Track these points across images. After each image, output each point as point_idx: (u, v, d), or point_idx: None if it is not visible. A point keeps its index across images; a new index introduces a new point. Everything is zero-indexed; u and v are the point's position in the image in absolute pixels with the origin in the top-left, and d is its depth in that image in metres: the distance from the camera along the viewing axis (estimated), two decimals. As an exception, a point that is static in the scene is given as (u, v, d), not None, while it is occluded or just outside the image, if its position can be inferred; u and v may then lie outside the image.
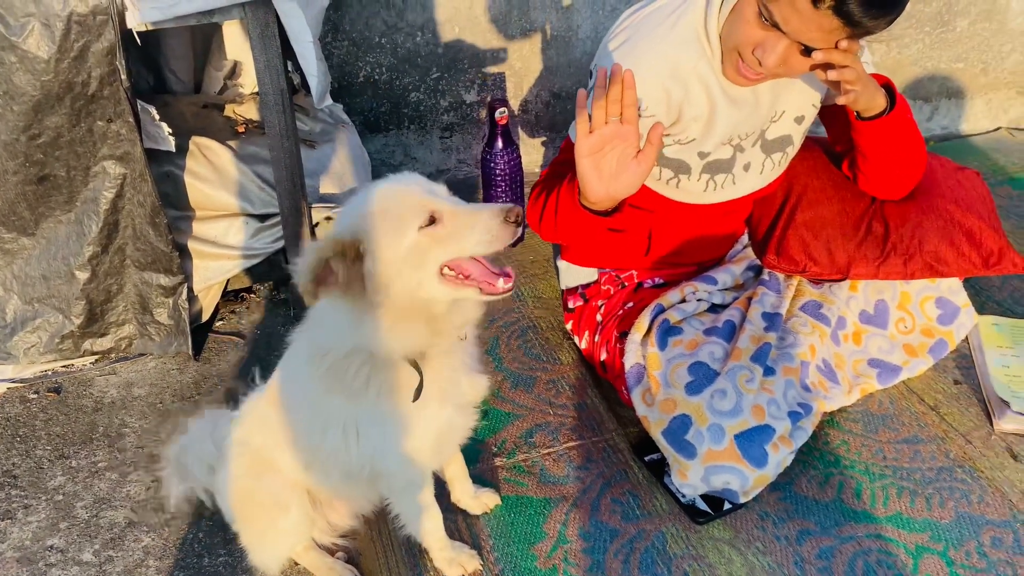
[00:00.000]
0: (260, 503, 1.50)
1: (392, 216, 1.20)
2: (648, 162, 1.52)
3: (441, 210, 1.21)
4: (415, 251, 1.20)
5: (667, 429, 1.70)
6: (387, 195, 1.23)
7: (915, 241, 1.87)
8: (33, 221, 2.03)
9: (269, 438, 1.51)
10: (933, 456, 1.84)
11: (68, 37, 1.77)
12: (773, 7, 1.47)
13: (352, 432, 1.39)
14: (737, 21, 1.56)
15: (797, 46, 1.50)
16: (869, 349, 2.02)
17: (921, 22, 3.14)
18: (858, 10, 1.40)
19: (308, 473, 1.51)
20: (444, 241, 1.20)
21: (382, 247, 1.20)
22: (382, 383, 1.33)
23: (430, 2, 2.72)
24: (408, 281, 1.21)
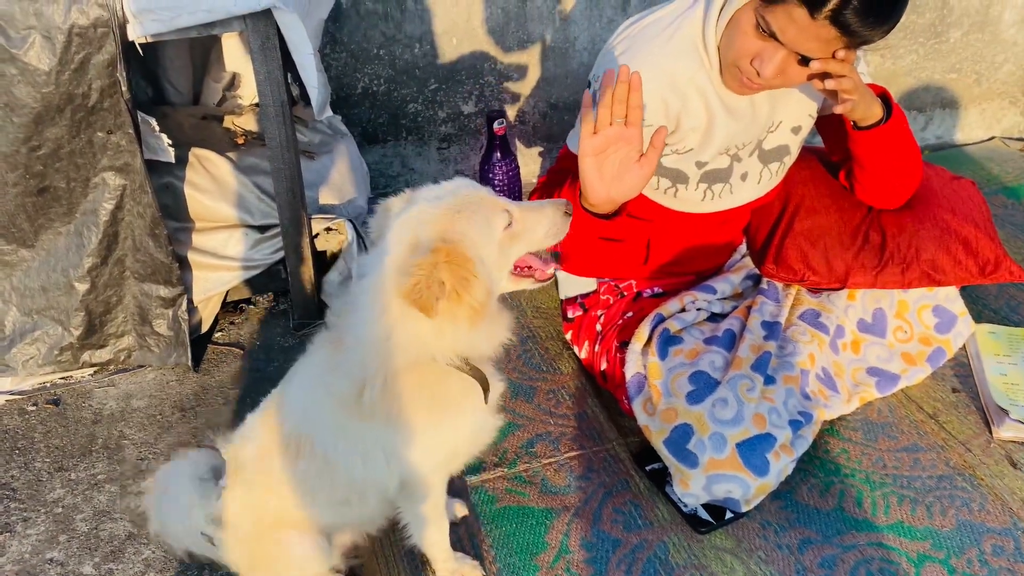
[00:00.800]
0: (286, 566, 1.45)
1: (480, 218, 1.23)
2: (650, 166, 1.53)
3: (511, 210, 1.26)
4: (501, 250, 1.25)
5: (669, 438, 1.70)
6: (467, 198, 1.24)
7: (912, 250, 1.89)
8: (32, 233, 2.03)
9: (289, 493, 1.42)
10: (933, 464, 1.85)
11: (69, 49, 1.78)
12: (770, 18, 1.48)
13: (393, 456, 1.35)
14: (735, 32, 1.57)
15: (795, 56, 1.51)
16: (868, 358, 2.03)
17: (915, 33, 3.16)
18: (855, 20, 1.41)
19: (348, 508, 1.45)
20: (519, 239, 1.27)
21: (480, 248, 1.21)
22: (438, 396, 1.31)
23: (428, 14, 2.73)
24: (493, 280, 1.24)
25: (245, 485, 1.45)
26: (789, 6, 1.44)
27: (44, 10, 1.74)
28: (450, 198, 1.24)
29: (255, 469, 1.44)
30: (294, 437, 1.39)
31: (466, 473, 1.85)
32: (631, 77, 1.44)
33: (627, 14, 2.87)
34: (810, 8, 1.42)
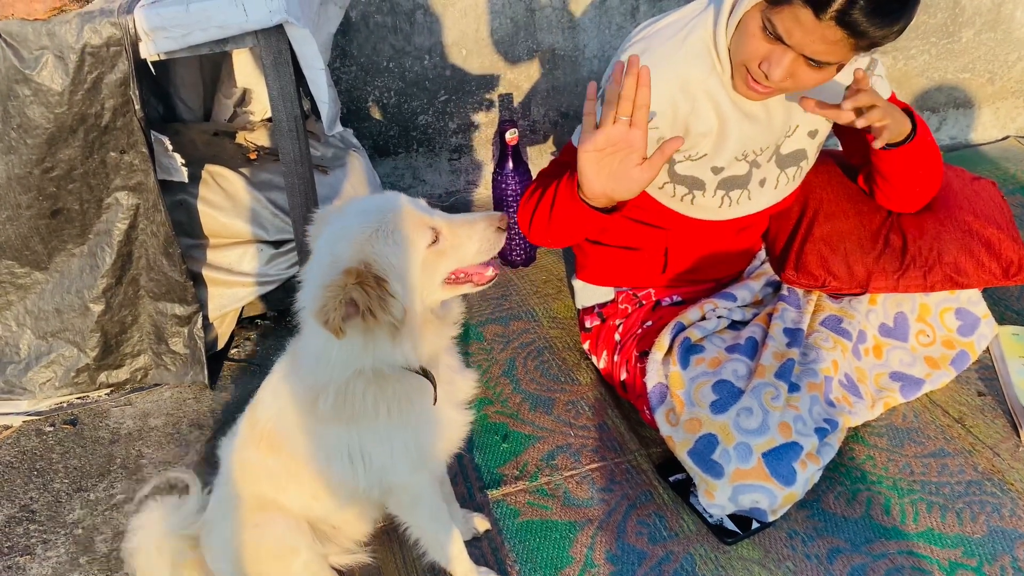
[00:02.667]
0: (268, 551, 1.45)
1: (400, 237, 1.22)
2: (652, 170, 1.49)
3: (439, 226, 1.26)
4: (425, 268, 1.25)
5: (693, 449, 1.68)
6: (389, 216, 1.24)
7: (934, 253, 1.86)
8: (46, 255, 2.03)
9: (266, 484, 1.46)
10: (961, 470, 1.82)
11: (82, 69, 1.77)
12: (776, 20, 1.47)
13: (357, 456, 1.37)
14: (743, 35, 1.56)
15: (803, 59, 1.50)
16: (891, 362, 2.00)
17: (926, 33, 3.14)
18: (863, 20, 1.39)
19: (317, 502, 1.48)
20: (447, 255, 1.27)
21: (396, 268, 1.21)
22: (391, 399, 1.32)
23: (437, 26, 2.73)
24: (422, 295, 1.26)
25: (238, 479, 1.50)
26: (795, 8, 1.43)
27: (57, 30, 1.74)
28: (373, 215, 1.23)
29: (237, 460, 1.49)
30: (267, 433, 1.44)
31: (486, 487, 1.84)
32: (640, 70, 1.41)
33: (636, 21, 2.86)
34: (815, 9, 1.40)
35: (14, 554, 1.75)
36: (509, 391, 2.11)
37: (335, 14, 2.28)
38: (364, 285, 1.17)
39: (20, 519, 1.83)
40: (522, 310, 2.42)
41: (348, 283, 1.16)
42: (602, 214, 1.57)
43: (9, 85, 1.77)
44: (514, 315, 2.40)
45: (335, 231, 1.25)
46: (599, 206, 1.56)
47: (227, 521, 1.48)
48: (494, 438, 1.97)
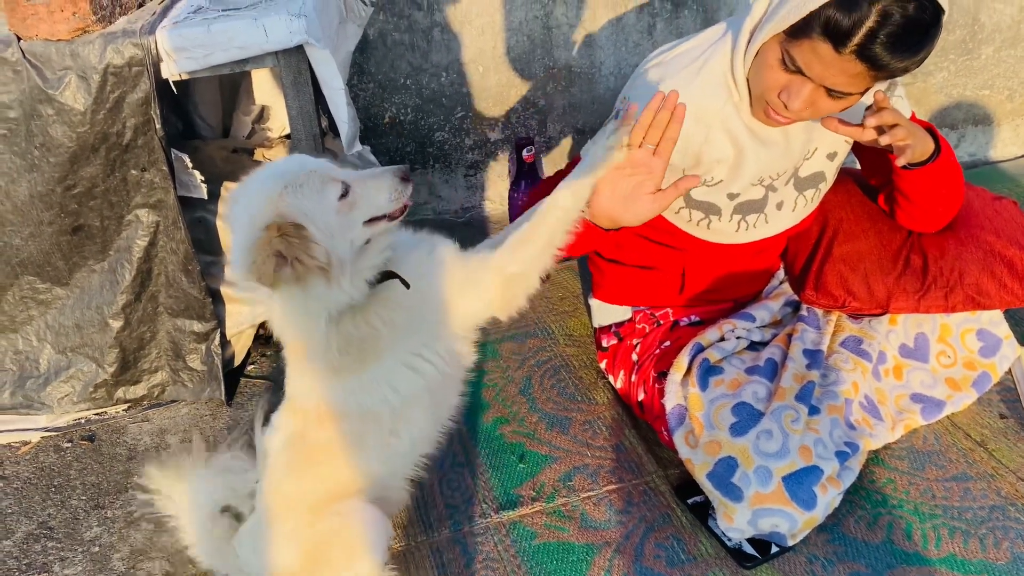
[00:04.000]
0: (343, 546, 1.46)
1: (313, 191, 1.30)
2: (663, 203, 1.49)
3: (348, 180, 1.34)
4: (340, 218, 1.32)
5: (712, 472, 1.66)
6: (293, 175, 1.31)
7: (955, 273, 1.84)
8: (67, 271, 2.04)
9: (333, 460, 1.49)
10: (984, 494, 1.80)
11: (104, 89, 1.79)
12: (795, 52, 1.46)
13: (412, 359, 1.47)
14: (761, 66, 1.55)
15: (823, 90, 1.49)
16: (911, 383, 1.98)
17: (945, 50, 3.12)
18: (884, 54, 1.38)
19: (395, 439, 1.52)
20: (359, 205, 1.34)
21: (311, 216, 1.29)
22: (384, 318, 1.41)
23: (455, 43, 2.74)
24: (344, 241, 1.33)
25: (291, 471, 1.51)
26: (814, 41, 1.42)
27: (80, 51, 1.76)
28: (280, 177, 1.31)
29: (298, 449, 1.51)
30: (315, 411, 1.49)
31: (502, 508, 1.83)
32: (677, 109, 1.42)
33: (653, 39, 2.87)
34: (835, 43, 1.39)
35: (32, 571, 1.76)
36: (526, 410, 2.11)
37: (354, 32, 2.29)
38: (286, 235, 1.26)
39: (38, 536, 1.84)
40: (538, 328, 2.42)
41: (271, 237, 1.25)
42: (601, 230, 1.56)
43: (32, 105, 1.79)
44: (530, 333, 2.39)
45: (247, 200, 1.32)
46: (601, 225, 1.56)
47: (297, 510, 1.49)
48: (511, 458, 1.96)
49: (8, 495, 1.95)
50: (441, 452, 1.95)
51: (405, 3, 2.65)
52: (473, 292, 1.49)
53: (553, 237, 1.47)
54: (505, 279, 1.48)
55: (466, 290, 1.49)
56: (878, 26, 1.35)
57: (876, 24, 1.35)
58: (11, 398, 2.12)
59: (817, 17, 1.41)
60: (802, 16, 1.43)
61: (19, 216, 1.93)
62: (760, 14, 1.56)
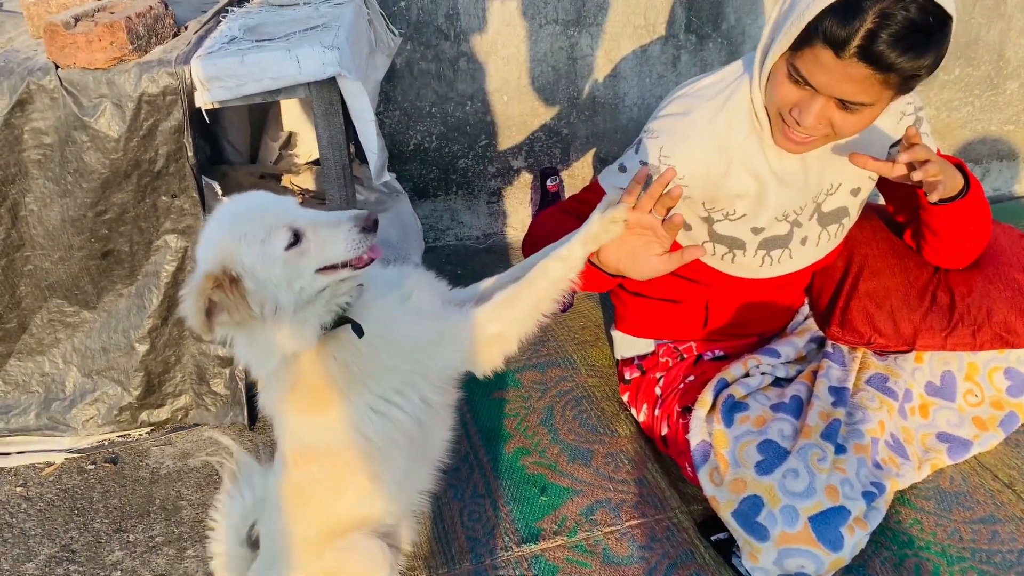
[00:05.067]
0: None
1: (254, 240, 1.27)
2: (669, 265, 1.49)
3: (302, 226, 1.28)
4: (287, 268, 1.28)
5: (737, 510, 1.65)
6: (242, 220, 1.29)
7: (983, 312, 1.83)
8: (95, 295, 2.06)
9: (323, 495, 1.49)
10: (1013, 537, 1.77)
11: (138, 116, 1.82)
12: (800, 64, 1.47)
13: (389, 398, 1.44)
14: (773, 84, 1.56)
15: (834, 102, 1.49)
16: (937, 422, 1.96)
17: (970, 85, 3.12)
18: (888, 51, 1.36)
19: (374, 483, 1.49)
20: (311, 254, 1.29)
21: (251, 270, 1.27)
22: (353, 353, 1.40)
23: (480, 73, 2.76)
24: (291, 290, 1.30)
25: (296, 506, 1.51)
26: (815, 49, 1.43)
27: (116, 79, 1.79)
28: (235, 220, 1.29)
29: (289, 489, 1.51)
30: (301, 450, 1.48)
31: (524, 541, 1.82)
32: (673, 189, 1.42)
33: (677, 71, 2.88)
34: (835, 48, 1.39)
35: (54, 595, 1.76)
36: (547, 441, 2.10)
37: (383, 62, 2.32)
38: (221, 287, 1.25)
39: (60, 559, 1.84)
40: (560, 357, 2.41)
41: (207, 287, 1.25)
42: (606, 275, 1.57)
43: (68, 131, 1.82)
44: (552, 362, 2.39)
45: (204, 240, 1.32)
46: (607, 272, 1.56)
47: (298, 549, 1.49)
48: (532, 490, 1.95)
49: (31, 516, 1.96)
50: (462, 485, 1.97)
51: (432, 33, 2.68)
52: (449, 346, 1.45)
53: (539, 303, 1.44)
54: (484, 337, 1.44)
55: (442, 343, 1.45)
56: (877, 27, 1.35)
57: (875, 24, 1.35)
58: (36, 420, 2.13)
59: (816, 26, 1.41)
60: (802, 28, 1.44)
61: (50, 240, 1.96)
62: (767, 38, 1.58)
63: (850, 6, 1.38)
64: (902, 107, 1.75)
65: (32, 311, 2.06)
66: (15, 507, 1.99)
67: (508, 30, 2.72)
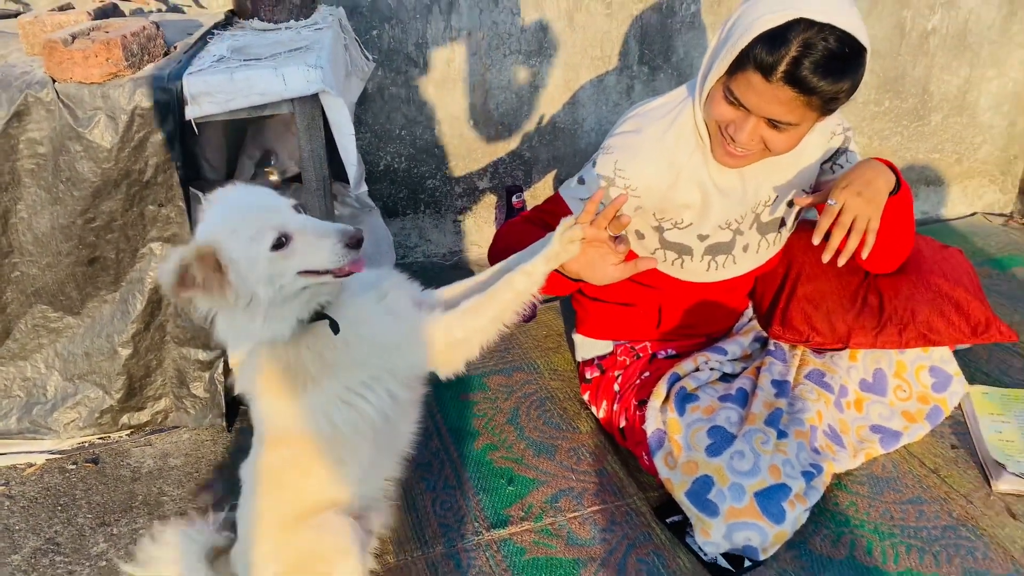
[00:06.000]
0: (322, 553, 1.56)
1: (244, 236, 1.37)
2: (624, 273, 1.64)
3: (290, 230, 1.38)
4: (270, 267, 1.38)
5: (690, 490, 1.80)
6: (238, 214, 1.40)
7: (908, 312, 2.03)
8: (80, 301, 2.14)
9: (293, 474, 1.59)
10: (937, 516, 1.95)
11: (130, 128, 1.93)
12: (734, 87, 1.67)
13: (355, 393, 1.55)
14: (711, 104, 1.76)
15: (764, 121, 1.68)
16: (871, 415, 2.14)
17: (899, 116, 3.39)
18: (810, 76, 1.55)
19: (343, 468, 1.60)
20: (295, 258, 1.39)
21: (237, 261, 1.36)
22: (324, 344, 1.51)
23: (448, 98, 2.93)
24: (271, 287, 1.40)
25: (269, 487, 1.61)
26: (748, 73, 1.62)
27: (111, 93, 1.90)
28: (233, 212, 1.41)
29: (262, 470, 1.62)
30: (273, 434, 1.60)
31: (493, 526, 1.94)
32: (622, 218, 1.58)
33: (631, 99, 3.08)
34: (763, 73, 1.59)
35: (40, 584, 1.83)
36: (514, 438, 2.23)
37: (357, 86, 2.47)
38: (205, 265, 1.34)
39: (46, 551, 1.91)
40: (524, 362, 2.56)
41: (189, 257, 1.33)
42: (568, 280, 1.71)
43: (62, 141, 1.92)
44: (517, 367, 2.53)
45: (206, 219, 1.42)
46: (568, 277, 1.70)
47: (273, 529, 1.58)
48: (500, 481, 2.08)
49: (15, 513, 2.02)
50: (433, 477, 2.09)
51: (402, 60, 2.84)
52: (416, 347, 1.57)
53: (502, 314, 1.57)
54: (449, 342, 1.56)
55: (409, 344, 1.57)
56: (801, 54, 1.55)
57: (799, 52, 1.55)
58: (18, 423, 2.20)
59: (748, 53, 1.61)
60: (736, 55, 1.63)
61: (39, 247, 2.04)
62: (706, 64, 1.77)
63: (777, 36, 1.58)
64: (832, 127, 1.96)
65: (17, 317, 2.13)
66: (-2, 505, 2.05)
67: (474, 59, 2.89)
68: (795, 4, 1.57)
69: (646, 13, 2.97)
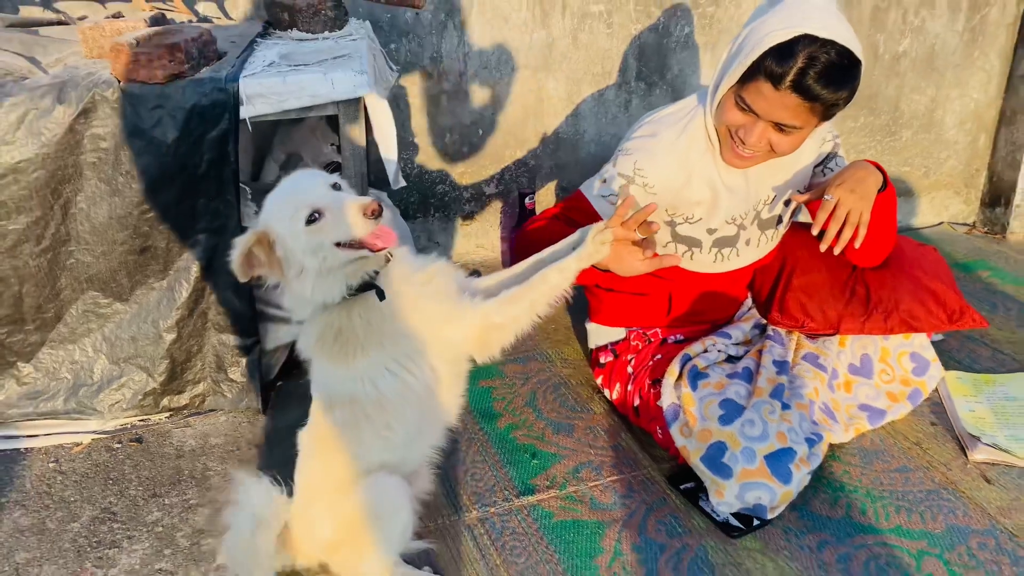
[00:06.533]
0: (377, 510, 1.71)
1: (283, 216, 1.57)
2: (649, 267, 1.84)
3: (323, 206, 1.55)
4: (308, 240, 1.56)
5: (705, 455, 1.99)
6: (279, 196, 1.61)
7: (892, 301, 2.25)
8: (129, 287, 2.27)
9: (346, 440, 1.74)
10: (921, 481, 2.17)
11: (189, 126, 2.08)
12: (745, 95, 1.89)
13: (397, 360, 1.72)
14: (722, 110, 1.98)
15: (772, 125, 1.91)
16: (859, 396, 2.36)
17: (873, 132, 3.66)
18: (814, 85, 1.80)
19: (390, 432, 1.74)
20: (327, 231, 1.56)
21: (282, 238, 1.58)
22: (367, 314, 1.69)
23: (459, 109, 3.12)
24: (316, 258, 1.58)
25: (324, 450, 1.76)
26: (758, 83, 1.85)
27: (172, 93, 2.06)
28: (279, 195, 1.62)
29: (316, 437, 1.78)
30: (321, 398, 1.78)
31: (521, 494, 2.11)
32: (652, 226, 1.79)
33: (629, 112, 3.31)
34: (773, 82, 1.82)
35: (102, 548, 1.95)
36: (533, 418, 2.41)
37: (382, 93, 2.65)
38: (261, 244, 1.58)
39: (103, 519, 2.03)
40: (537, 352, 2.74)
41: (251, 241, 1.57)
42: (597, 271, 1.92)
43: (126, 137, 2.07)
44: (530, 357, 2.72)
45: (265, 206, 1.63)
46: (599, 268, 1.90)
47: (329, 489, 1.73)
48: (524, 456, 2.25)
49: (68, 486, 2.14)
50: (462, 453, 2.25)
51: (418, 72, 3.04)
52: (455, 325, 1.72)
53: (536, 305, 1.73)
54: (487, 325, 1.71)
55: (450, 322, 1.72)
56: (807, 66, 1.78)
57: (805, 64, 1.78)
58: (64, 404, 2.31)
59: (759, 65, 1.84)
60: (747, 66, 1.86)
61: (95, 236, 2.18)
62: (718, 75, 1.99)
63: (785, 50, 1.80)
64: (824, 134, 2.19)
65: (69, 302, 2.26)
66: (51, 479, 2.17)
67: (484, 72, 3.10)
68: (800, 22, 1.80)
69: (644, 33, 3.20)
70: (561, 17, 3.10)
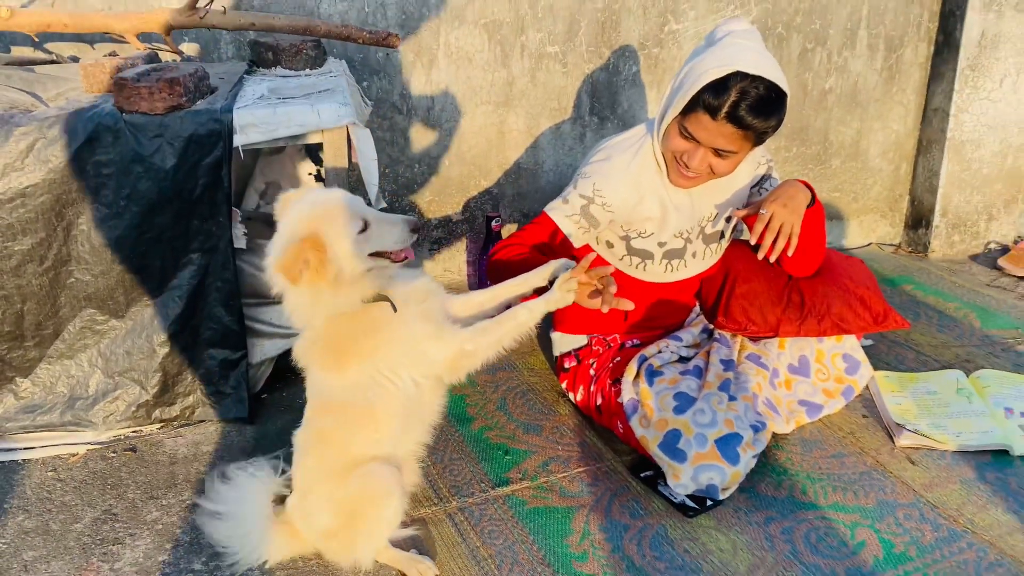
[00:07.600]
0: (370, 496, 1.87)
1: (340, 223, 1.73)
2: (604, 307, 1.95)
3: (369, 219, 1.76)
4: (355, 247, 1.73)
5: (662, 442, 2.21)
6: (332, 206, 1.75)
7: (824, 306, 2.52)
8: (125, 305, 2.42)
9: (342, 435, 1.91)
10: (855, 465, 2.41)
11: (186, 153, 2.27)
12: (687, 124, 2.17)
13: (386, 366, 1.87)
14: (667, 139, 2.26)
15: (711, 151, 2.19)
16: (798, 392, 2.62)
17: (805, 161, 3.99)
18: (747, 116, 2.08)
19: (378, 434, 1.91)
20: (371, 240, 1.75)
21: (337, 243, 1.72)
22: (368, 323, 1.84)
23: (427, 141, 3.36)
24: (353, 262, 1.74)
25: (320, 447, 1.93)
26: (698, 114, 2.13)
27: (171, 123, 2.25)
28: (323, 205, 1.75)
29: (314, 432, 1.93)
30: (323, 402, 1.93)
31: (495, 486, 2.30)
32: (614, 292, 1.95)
33: (583, 144, 3.58)
34: (711, 113, 2.10)
35: (107, 544, 2.08)
36: (504, 420, 2.61)
37: (360, 125, 2.87)
38: (315, 249, 1.68)
39: (105, 519, 2.16)
40: (504, 363, 2.95)
41: (306, 246, 1.67)
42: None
43: (127, 164, 2.25)
44: (498, 367, 2.92)
45: (297, 213, 1.76)
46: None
47: (325, 480, 1.90)
48: (498, 453, 2.45)
49: (68, 492, 2.26)
50: (440, 452, 2.44)
51: (388, 108, 3.27)
52: (434, 345, 1.88)
53: (503, 339, 1.92)
54: (460, 352, 1.89)
55: (429, 340, 1.88)
56: (739, 99, 2.06)
57: (738, 97, 2.06)
58: (60, 417, 2.44)
59: (698, 98, 2.12)
60: (688, 99, 2.14)
61: (95, 256, 2.34)
62: (663, 107, 2.27)
63: (720, 85, 2.08)
64: (758, 158, 2.48)
65: (67, 320, 2.40)
66: (51, 486, 2.29)
67: (451, 107, 3.34)
68: (733, 61, 2.08)
69: (596, 72, 3.49)
70: (520, 58, 3.37)
